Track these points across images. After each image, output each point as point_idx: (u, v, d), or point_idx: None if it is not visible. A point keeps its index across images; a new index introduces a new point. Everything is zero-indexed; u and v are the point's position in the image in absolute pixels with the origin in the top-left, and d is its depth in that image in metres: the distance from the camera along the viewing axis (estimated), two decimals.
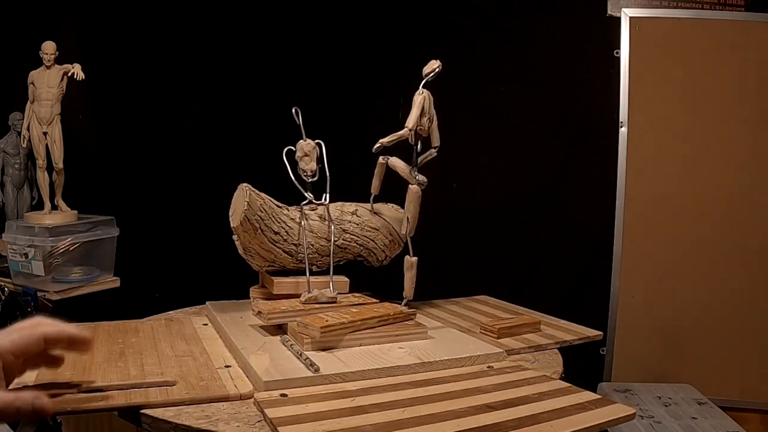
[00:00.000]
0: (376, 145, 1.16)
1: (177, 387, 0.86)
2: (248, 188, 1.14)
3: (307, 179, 1.19)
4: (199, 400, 0.83)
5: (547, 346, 1.12)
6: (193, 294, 1.45)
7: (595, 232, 2.15)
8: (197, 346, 1.06)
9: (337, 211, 1.26)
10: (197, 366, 0.95)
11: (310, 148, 1.19)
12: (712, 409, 1.71)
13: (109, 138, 2.15)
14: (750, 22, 2.03)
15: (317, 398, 0.84)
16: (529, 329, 1.18)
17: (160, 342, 1.07)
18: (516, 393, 0.87)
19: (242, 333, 1.10)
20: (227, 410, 0.81)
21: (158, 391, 0.84)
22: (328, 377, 0.90)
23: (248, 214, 1.12)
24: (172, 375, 0.90)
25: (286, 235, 1.18)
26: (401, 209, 1.29)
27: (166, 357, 0.99)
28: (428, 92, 1.16)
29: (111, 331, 1.13)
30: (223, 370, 0.94)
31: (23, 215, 1.81)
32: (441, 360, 0.98)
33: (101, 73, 2.02)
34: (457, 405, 0.82)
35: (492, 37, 2.16)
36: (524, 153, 2.18)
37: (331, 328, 1.00)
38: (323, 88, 2.12)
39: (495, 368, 0.99)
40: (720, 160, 2.06)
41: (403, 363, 0.95)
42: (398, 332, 1.06)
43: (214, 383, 0.88)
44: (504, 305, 1.41)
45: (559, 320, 1.28)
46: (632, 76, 2.08)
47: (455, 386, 0.90)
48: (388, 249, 1.32)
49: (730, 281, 2.06)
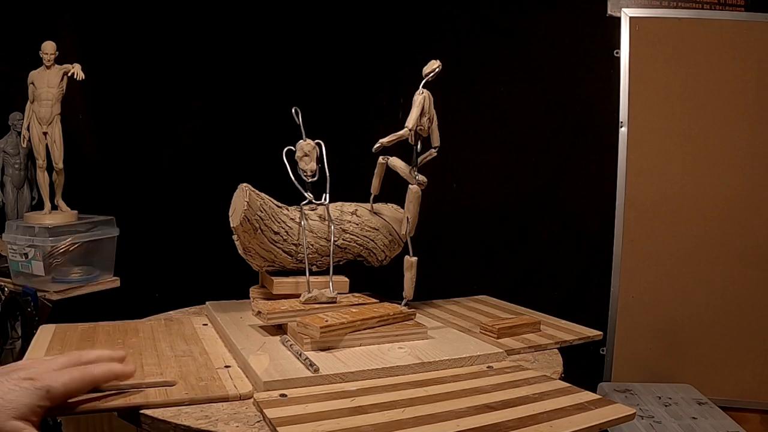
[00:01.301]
0: (376, 145, 1.16)
1: (176, 387, 0.86)
2: (248, 188, 1.14)
3: (306, 179, 1.19)
4: (198, 400, 0.83)
5: (547, 346, 1.12)
6: (193, 294, 1.45)
7: (595, 232, 2.15)
8: (197, 346, 1.06)
9: (336, 211, 1.26)
10: (197, 366, 0.95)
11: (310, 148, 1.19)
12: (712, 409, 1.71)
13: (109, 138, 2.15)
14: (750, 22, 2.03)
15: (317, 398, 0.84)
16: (529, 329, 1.18)
17: (160, 342, 1.07)
18: (516, 393, 0.87)
19: (242, 333, 1.10)
20: (227, 410, 0.81)
21: (157, 392, 0.84)
22: (328, 377, 0.90)
23: (248, 214, 1.12)
24: (172, 375, 0.90)
25: (286, 235, 1.18)
26: (401, 209, 1.29)
27: (165, 357, 0.99)
28: (428, 92, 1.16)
29: (111, 331, 1.12)
30: (223, 370, 0.94)
31: (23, 215, 1.81)
32: (441, 360, 0.98)
33: (101, 73, 2.01)
34: (456, 405, 0.82)
35: (492, 37, 2.16)
36: (524, 153, 2.18)
37: (331, 328, 1.00)
38: (323, 88, 2.11)
39: (495, 368, 0.99)
40: (720, 160, 2.06)
41: (403, 363, 0.95)
42: (398, 332, 1.06)
43: (214, 383, 0.88)
44: (504, 305, 1.41)
45: (559, 320, 1.28)
46: (632, 76, 2.08)
47: (455, 386, 0.90)
48: (388, 249, 1.32)
49: (730, 281, 2.06)
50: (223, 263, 2.12)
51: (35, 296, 1.61)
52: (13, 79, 1.84)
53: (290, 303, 1.13)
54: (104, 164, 2.14)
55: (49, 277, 1.65)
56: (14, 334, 1.68)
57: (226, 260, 2.13)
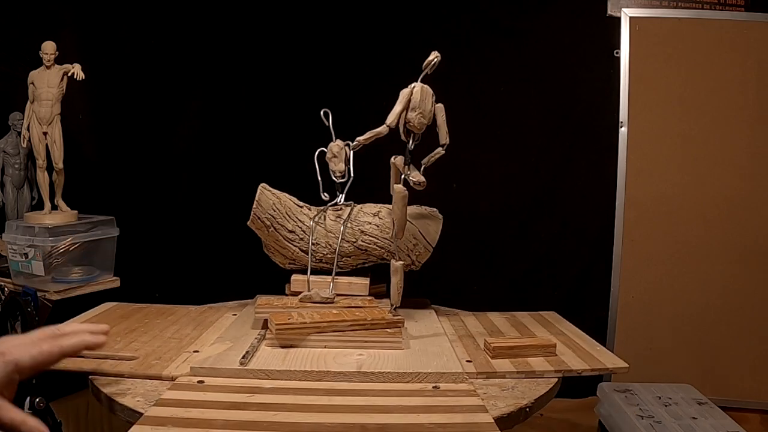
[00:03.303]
0: (354, 143, 1.16)
1: (132, 362, 0.96)
2: (263, 187, 1.18)
3: (336, 180, 1.20)
4: (136, 375, 0.92)
5: (544, 373, 0.99)
6: (193, 294, 1.45)
7: (595, 232, 2.15)
8: (197, 331, 1.14)
9: (358, 212, 1.26)
10: (168, 348, 1.04)
11: (338, 149, 1.20)
12: (712, 409, 1.71)
13: (109, 138, 2.15)
14: (750, 22, 2.03)
15: (221, 389, 0.87)
16: (537, 352, 1.05)
17: (172, 325, 1.17)
18: (417, 419, 0.80)
19: (242, 325, 1.14)
20: (147, 386, 0.90)
21: (113, 363, 0.95)
22: (253, 372, 0.92)
23: (258, 213, 1.16)
24: (141, 352, 1.00)
25: (302, 234, 1.19)
26: (428, 208, 1.28)
27: (156, 338, 1.09)
28: (424, 86, 1.10)
29: (151, 312, 1.26)
30: (189, 353, 1.01)
31: (23, 215, 1.81)
32: (381, 372, 0.93)
33: (101, 73, 2.01)
34: (335, 419, 0.78)
35: (492, 37, 2.16)
36: (524, 153, 2.18)
37: (289, 327, 1.01)
38: (323, 88, 2.11)
39: (441, 389, 0.91)
40: (720, 160, 2.06)
41: (340, 370, 0.93)
42: (369, 339, 1.04)
43: (162, 363, 0.96)
44: (560, 325, 1.28)
45: (595, 345, 1.14)
46: (632, 76, 2.08)
47: (366, 401, 0.85)
48: (413, 253, 1.25)
49: (730, 281, 2.06)
50: (222, 263, 2.13)
51: (35, 296, 1.61)
52: (13, 79, 1.84)
53: (285, 300, 1.16)
54: (104, 164, 2.14)
55: (49, 277, 1.64)
56: (14, 334, 1.67)
57: (226, 260, 2.14)
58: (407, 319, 1.17)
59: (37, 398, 1.41)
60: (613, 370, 1.04)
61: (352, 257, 1.24)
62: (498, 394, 0.92)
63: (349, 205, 1.25)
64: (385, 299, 1.21)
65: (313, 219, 1.22)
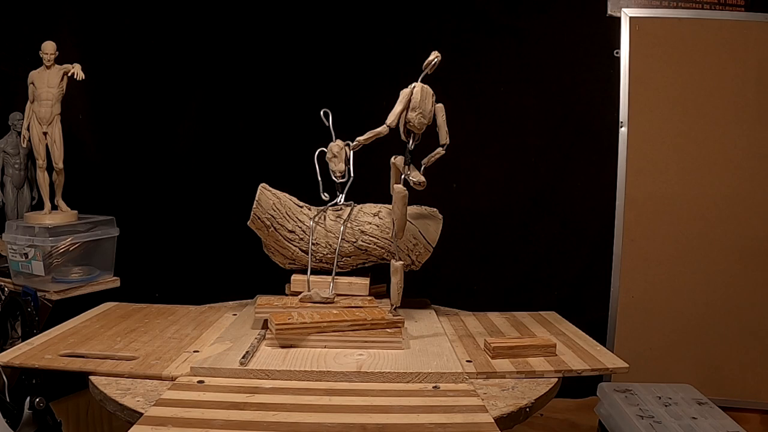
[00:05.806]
0: (354, 143, 1.16)
1: (132, 362, 0.96)
2: (263, 187, 1.18)
3: (336, 180, 1.20)
4: (136, 375, 0.92)
5: (544, 373, 1.00)
6: (193, 294, 1.45)
7: (595, 232, 2.15)
8: (197, 331, 1.14)
9: (358, 212, 1.26)
10: (168, 348, 1.03)
11: (338, 149, 1.20)
12: (712, 409, 1.71)
13: (109, 138, 2.15)
14: (750, 22, 2.03)
15: (221, 389, 0.87)
16: (538, 352, 1.05)
17: (172, 325, 1.17)
18: (417, 419, 0.80)
19: (242, 325, 1.14)
20: (148, 386, 0.89)
21: (113, 363, 0.95)
22: (253, 371, 0.92)
23: (258, 213, 1.16)
24: (141, 352, 1.00)
25: (302, 234, 1.19)
26: (428, 208, 1.28)
27: (156, 338, 1.09)
28: (424, 86, 1.10)
29: (152, 312, 1.26)
30: (189, 353, 1.01)
31: (23, 215, 1.81)
32: (381, 372, 0.93)
33: (101, 73, 2.01)
34: (335, 419, 0.78)
35: (492, 37, 2.16)
36: (524, 153, 2.18)
37: (289, 327, 1.01)
38: (323, 89, 2.11)
39: (441, 389, 0.92)
40: (720, 160, 2.06)
41: (341, 370, 0.93)
42: (369, 339, 1.04)
43: (162, 363, 0.96)
44: (559, 325, 1.28)
45: (595, 345, 1.14)
46: (632, 76, 2.08)
47: (366, 401, 0.85)
48: (413, 253, 1.25)
49: (730, 281, 2.06)
50: (222, 263, 2.13)
51: (35, 296, 1.61)
52: (13, 79, 1.84)
53: (286, 300, 1.15)
54: (104, 164, 2.14)
55: (49, 277, 1.64)
56: (14, 334, 1.67)
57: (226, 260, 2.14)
58: (407, 319, 1.17)
59: (37, 398, 1.42)
60: (613, 370, 1.05)
61: (352, 257, 1.24)
62: (498, 394, 0.92)
63: (349, 205, 1.25)
64: (385, 299, 1.21)
65: (313, 219, 1.22)
